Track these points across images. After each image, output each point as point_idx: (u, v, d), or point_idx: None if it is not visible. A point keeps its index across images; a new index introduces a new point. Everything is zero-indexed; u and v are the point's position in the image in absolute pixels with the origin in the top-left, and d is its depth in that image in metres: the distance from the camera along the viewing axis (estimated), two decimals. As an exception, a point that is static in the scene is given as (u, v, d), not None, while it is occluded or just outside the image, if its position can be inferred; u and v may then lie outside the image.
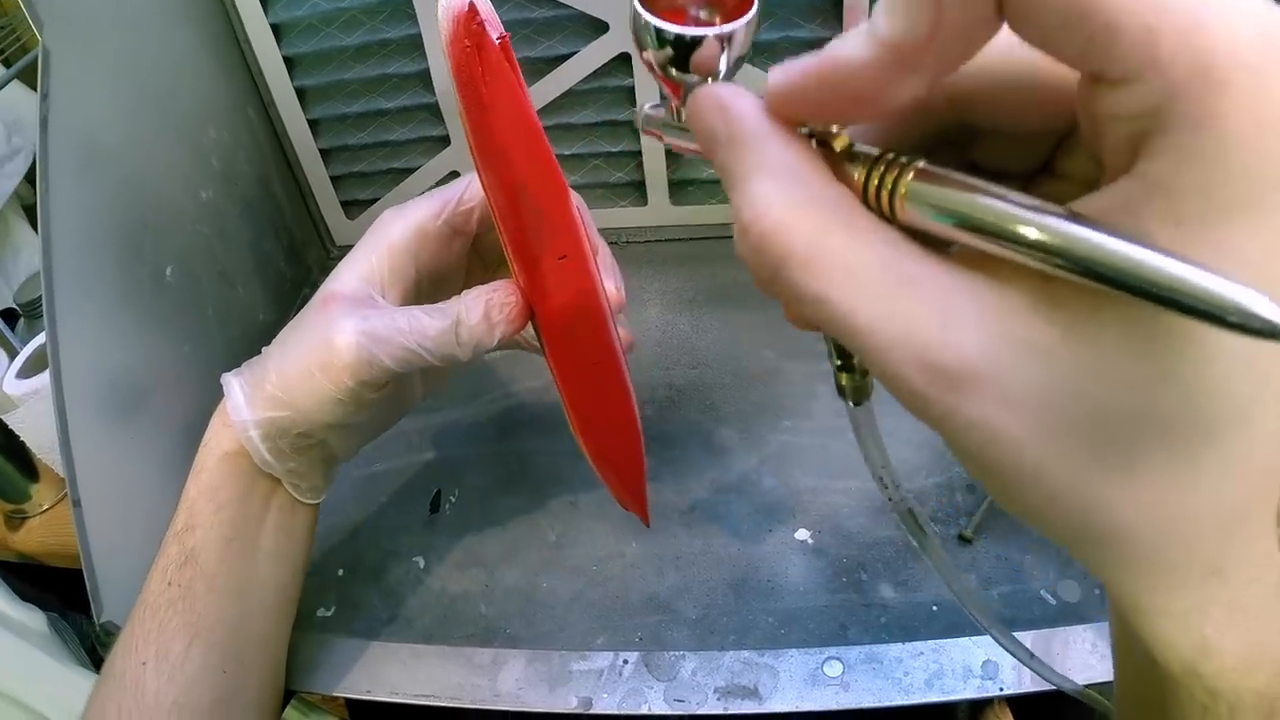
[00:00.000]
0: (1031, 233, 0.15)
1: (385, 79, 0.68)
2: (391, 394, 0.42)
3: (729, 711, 0.46)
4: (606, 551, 0.54)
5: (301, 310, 0.42)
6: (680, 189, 0.73)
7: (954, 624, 0.47)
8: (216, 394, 0.43)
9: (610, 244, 0.45)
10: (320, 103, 0.71)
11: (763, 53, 0.65)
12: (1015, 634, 0.45)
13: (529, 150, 0.35)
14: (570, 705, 0.47)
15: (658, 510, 0.55)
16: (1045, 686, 0.44)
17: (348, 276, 0.41)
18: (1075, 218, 0.15)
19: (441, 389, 0.50)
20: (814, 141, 0.19)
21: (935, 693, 0.45)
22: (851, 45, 0.17)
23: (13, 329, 0.76)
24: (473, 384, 0.66)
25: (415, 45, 0.65)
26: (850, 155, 0.19)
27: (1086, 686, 0.36)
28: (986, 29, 0.16)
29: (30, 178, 0.94)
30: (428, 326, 0.39)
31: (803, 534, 0.53)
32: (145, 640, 0.41)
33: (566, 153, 0.71)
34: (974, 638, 0.46)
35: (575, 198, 0.39)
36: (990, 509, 0.51)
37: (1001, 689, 0.44)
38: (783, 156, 0.18)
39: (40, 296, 0.74)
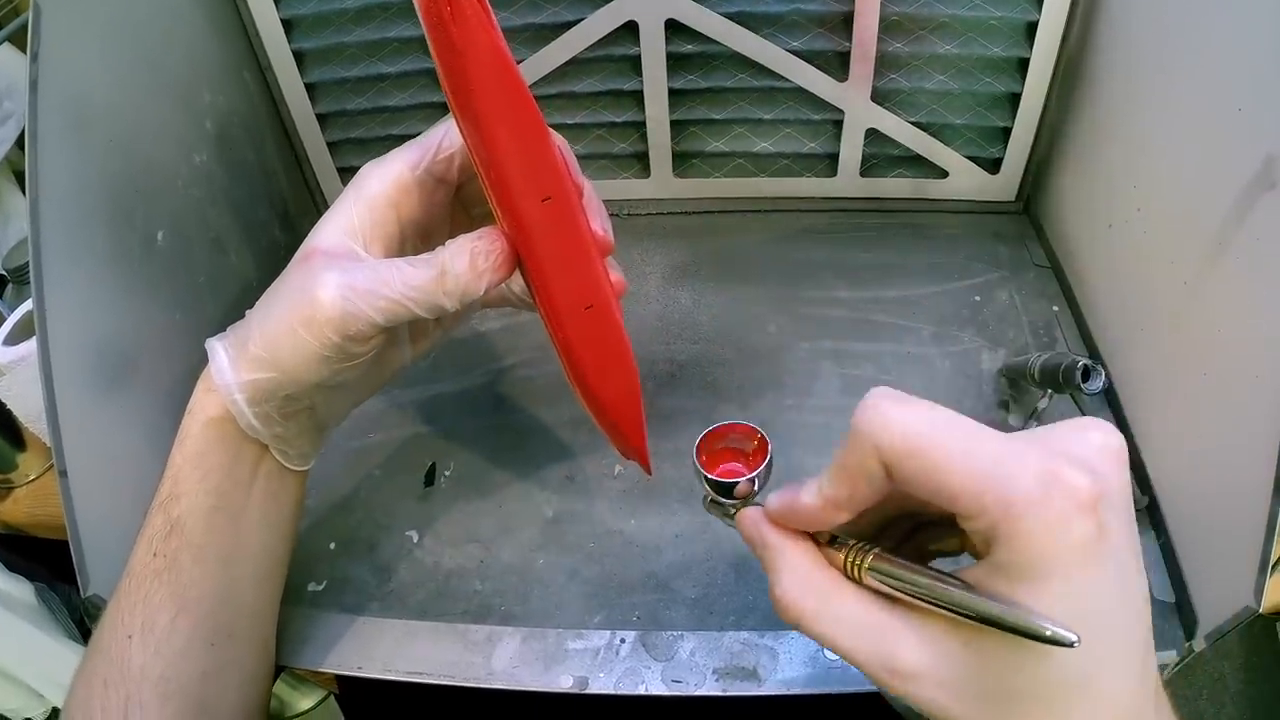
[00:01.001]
0: (935, 593, 0.26)
1: (385, 43, 0.67)
2: (379, 352, 0.41)
3: (728, 693, 0.45)
4: (604, 528, 0.53)
5: (284, 270, 0.41)
6: (684, 161, 0.72)
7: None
8: (206, 363, 0.42)
9: (612, 216, 0.43)
10: (318, 66, 0.69)
11: (773, 24, 0.63)
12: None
13: (504, 91, 0.33)
14: (566, 685, 0.46)
15: (657, 488, 0.54)
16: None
17: (329, 231, 0.40)
18: (961, 584, 0.26)
19: (431, 351, 0.48)
20: (814, 536, 0.31)
21: (938, 676, 0.44)
22: (807, 497, 0.30)
23: (1, 295, 0.74)
24: (469, 356, 0.65)
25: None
26: (836, 543, 0.30)
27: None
28: (882, 490, 0.27)
29: (21, 143, 0.92)
30: (412, 277, 0.38)
31: (805, 513, 0.52)
32: (131, 612, 0.40)
33: (569, 122, 0.70)
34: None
35: (556, 138, 0.38)
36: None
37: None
38: (793, 556, 0.31)
39: (26, 263, 0.73)
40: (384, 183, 0.40)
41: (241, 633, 0.43)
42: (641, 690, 0.45)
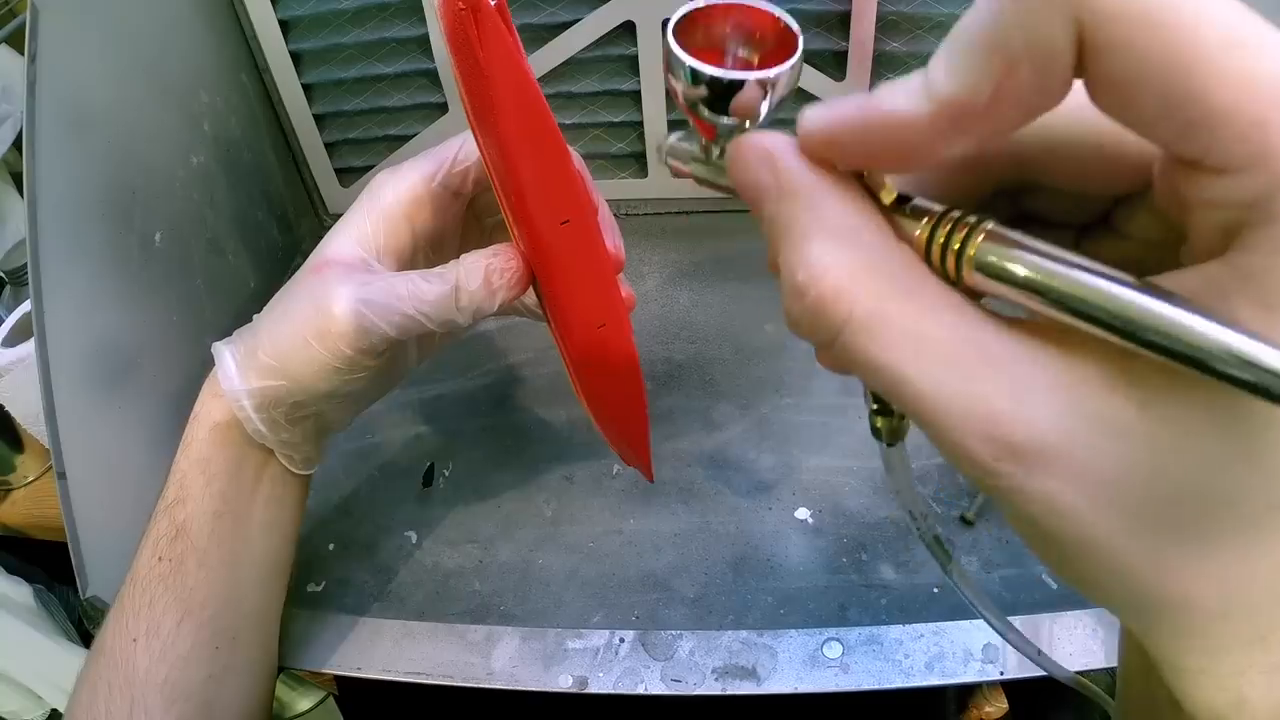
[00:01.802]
0: (1116, 309, 0.14)
1: (383, 43, 0.67)
2: (388, 361, 0.41)
3: (727, 692, 0.45)
4: (603, 528, 0.53)
5: (293, 277, 0.41)
6: (681, 162, 0.72)
7: (955, 606, 0.47)
8: (205, 364, 0.42)
9: (610, 216, 0.44)
10: (316, 67, 0.69)
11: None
12: (1015, 618, 0.45)
13: (528, 114, 0.33)
14: (565, 684, 0.46)
15: (656, 487, 0.54)
16: (1043, 672, 0.44)
17: (342, 242, 0.40)
18: (1161, 294, 0.14)
19: (435, 354, 0.48)
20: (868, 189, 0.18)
21: (935, 675, 0.44)
22: (903, 97, 0.16)
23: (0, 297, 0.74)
24: (467, 357, 0.65)
25: (414, 9, 0.64)
26: (905, 208, 0.18)
27: (1084, 673, 0.36)
28: (1056, 95, 0.15)
29: (19, 145, 0.92)
30: (426, 292, 0.38)
31: (803, 513, 0.52)
32: (135, 617, 0.40)
33: (567, 122, 0.70)
34: (975, 621, 0.45)
35: (575, 156, 0.38)
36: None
37: (1002, 673, 0.44)
38: (841, 214, 0.17)
39: (24, 264, 0.73)
40: (399, 194, 0.40)
41: (245, 636, 0.43)
42: (641, 690, 0.45)
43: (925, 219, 0.17)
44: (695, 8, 0.21)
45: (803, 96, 0.66)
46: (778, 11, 0.20)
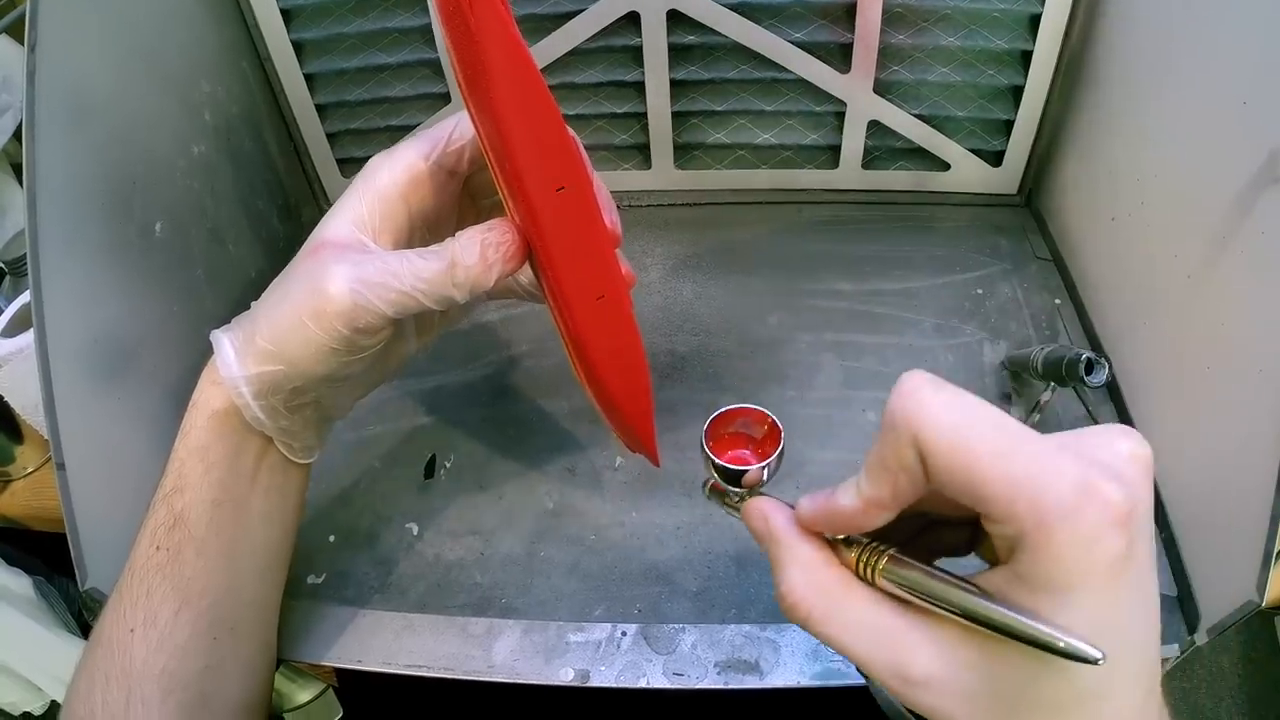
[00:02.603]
0: (953, 601, 0.25)
1: (385, 33, 0.66)
2: (386, 344, 0.41)
3: (729, 686, 0.45)
4: (605, 520, 0.53)
5: (291, 262, 0.41)
6: (685, 153, 0.72)
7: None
8: (205, 354, 0.41)
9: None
10: (318, 57, 0.69)
11: (775, 15, 0.63)
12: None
13: (520, 79, 0.33)
14: (566, 678, 0.46)
15: (659, 481, 0.54)
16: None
17: (337, 223, 0.40)
18: (979, 592, 0.24)
19: (434, 342, 0.48)
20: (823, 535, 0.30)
21: (939, 669, 0.44)
22: (845, 499, 0.27)
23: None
24: (468, 348, 0.64)
25: (415, -1, 0.63)
26: (848, 541, 0.29)
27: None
28: (919, 491, 0.26)
29: (19, 135, 0.91)
30: (422, 269, 0.37)
31: (806, 506, 0.51)
32: (134, 606, 0.39)
33: (570, 113, 0.69)
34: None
35: (569, 133, 0.37)
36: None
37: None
38: (802, 552, 0.29)
39: (23, 255, 0.72)
40: (394, 174, 0.40)
41: (244, 626, 0.43)
42: (643, 683, 0.45)
43: (855, 548, 0.28)
44: (715, 414, 0.35)
45: (809, 89, 0.66)
46: (767, 411, 0.35)
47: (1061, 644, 0.22)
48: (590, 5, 0.63)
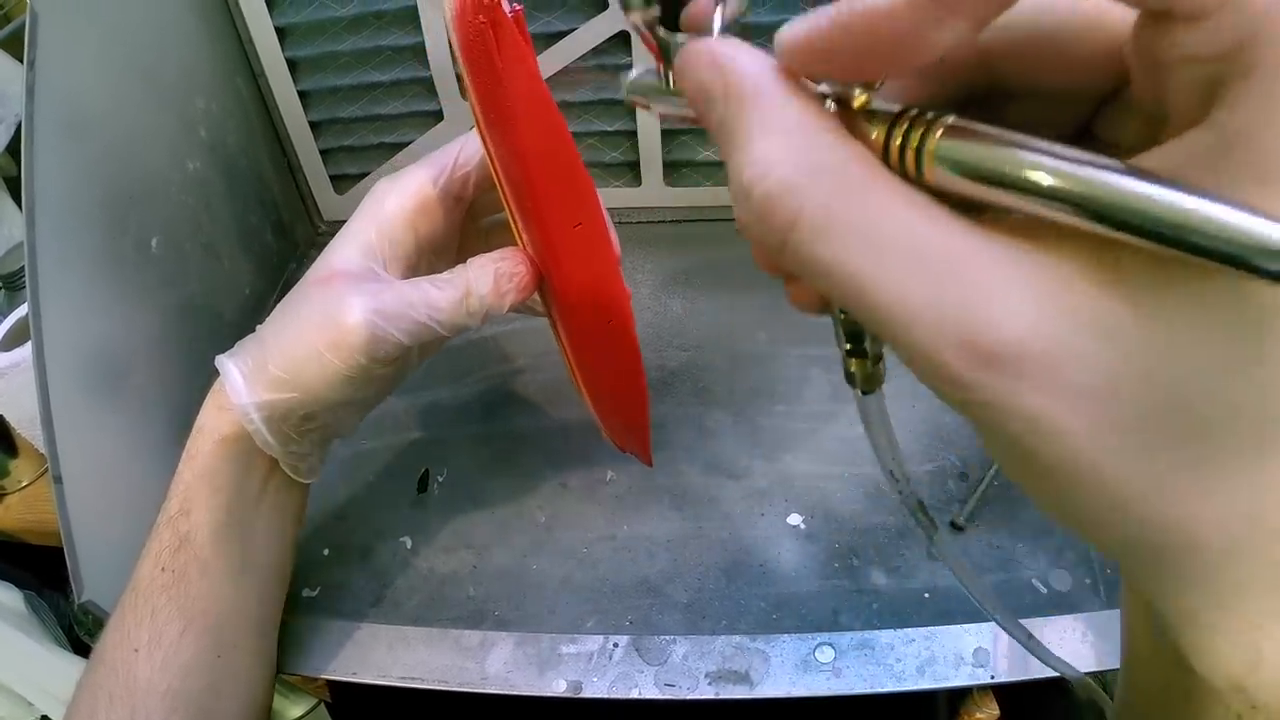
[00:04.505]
0: (1093, 192, 0.13)
1: (379, 51, 0.67)
2: (396, 366, 0.42)
3: (720, 696, 0.45)
4: (597, 534, 0.53)
5: (297, 288, 0.41)
6: (675, 170, 0.72)
7: (945, 611, 0.47)
8: (201, 369, 0.42)
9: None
10: (312, 74, 0.70)
11: (764, 34, 0.64)
12: (1009, 622, 0.45)
13: (544, 123, 0.34)
14: (559, 689, 0.46)
15: (650, 494, 0.55)
16: (1034, 675, 0.44)
17: (348, 251, 0.40)
18: (1141, 173, 0.13)
19: (435, 353, 0.49)
20: (828, 101, 0.17)
21: (927, 679, 0.45)
22: None
23: (-7, 301, 0.74)
24: (462, 363, 0.65)
25: (411, 18, 0.64)
26: (869, 114, 0.17)
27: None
28: None
29: (12, 149, 0.92)
30: (437, 299, 0.38)
31: (795, 519, 0.52)
32: (138, 626, 0.40)
33: (561, 131, 0.70)
34: (966, 625, 0.46)
35: None
36: (982, 497, 0.51)
37: (993, 676, 0.44)
38: (789, 111, 0.16)
39: (21, 268, 0.73)
40: (402, 202, 0.41)
41: (246, 644, 0.44)
42: (635, 694, 0.46)
43: (884, 121, 0.16)
44: None
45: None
46: None
47: None
48: (582, 25, 0.63)
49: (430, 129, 0.71)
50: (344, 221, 0.42)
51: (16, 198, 0.95)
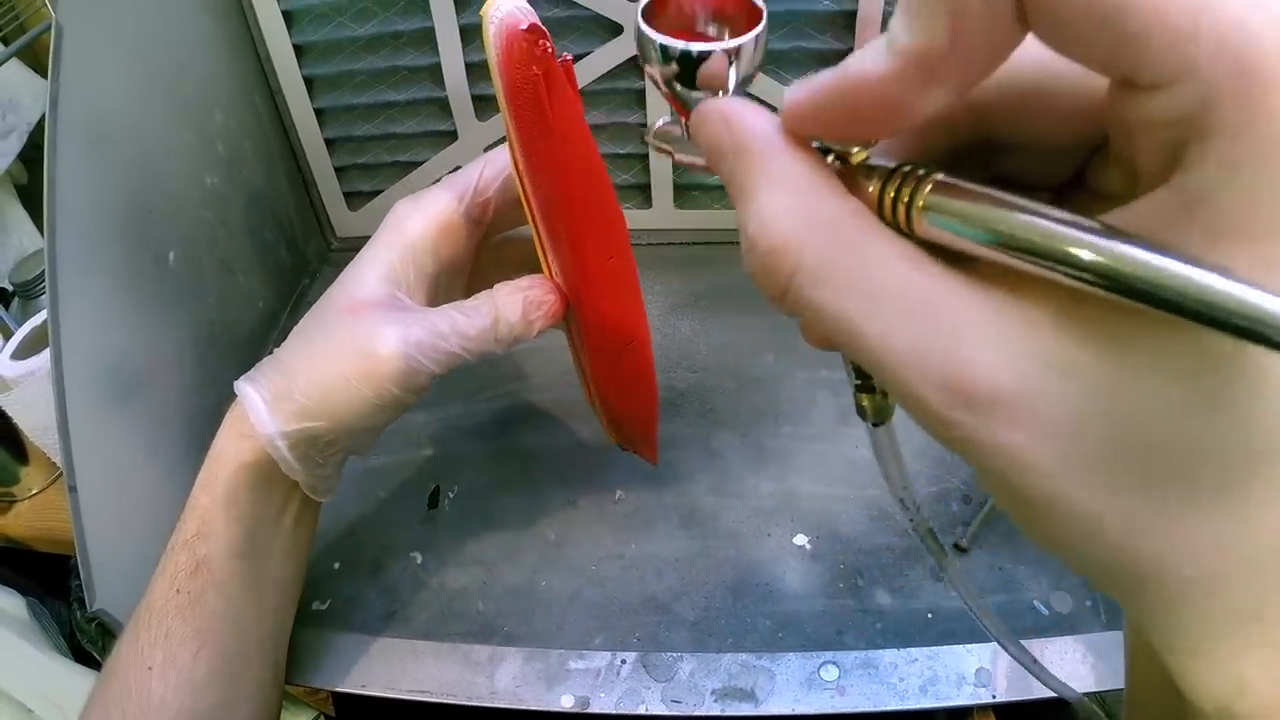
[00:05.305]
0: (1065, 248, 0.14)
1: (395, 71, 0.68)
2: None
3: (726, 713, 0.46)
4: (605, 552, 0.54)
5: (319, 313, 0.42)
6: (684, 193, 0.73)
7: (948, 631, 0.48)
8: (214, 383, 0.43)
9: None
10: (328, 92, 0.71)
11: (773, 62, 0.65)
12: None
13: (588, 167, 0.35)
14: (567, 704, 0.47)
15: (657, 513, 0.55)
16: (1034, 695, 0.45)
17: (371, 280, 0.41)
18: (1110, 232, 0.14)
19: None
20: (829, 157, 0.19)
21: (929, 699, 0.45)
22: (870, 58, 0.16)
23: (6, 309, 0.75)
24: (473, 381, 0.66)
25: (427, 38, 0.65)
26: (865, 169, 0.18)
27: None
28: (1009, 35, 0.15)
29: (23, 157, 0.93)
30: (468, 328, 0.39)
31: (801, 539, 0.53)
32: (152, 646, 0.40)
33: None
34: (968, 645, 0.47)
35: None
36: (985, 520, 0.52)
37: (994, 696, 0.45)
38: (790, 168, 0.18)
39: (35, 277, 0.74)
40: (425, 228, 0.41)
41: (258, 659, 0.44)
42: (642, 710, 0.46)
43: (876, 176, 0.18)
44: None
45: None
46: None
47: None
48: (596, 49, 0.65)
49: (444, 148, 0.72)
50: (357, 238, 0.43)
51: (27, 205, 0.96)
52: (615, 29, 0.63)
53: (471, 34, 0.65)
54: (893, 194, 0.17)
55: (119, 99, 0.54)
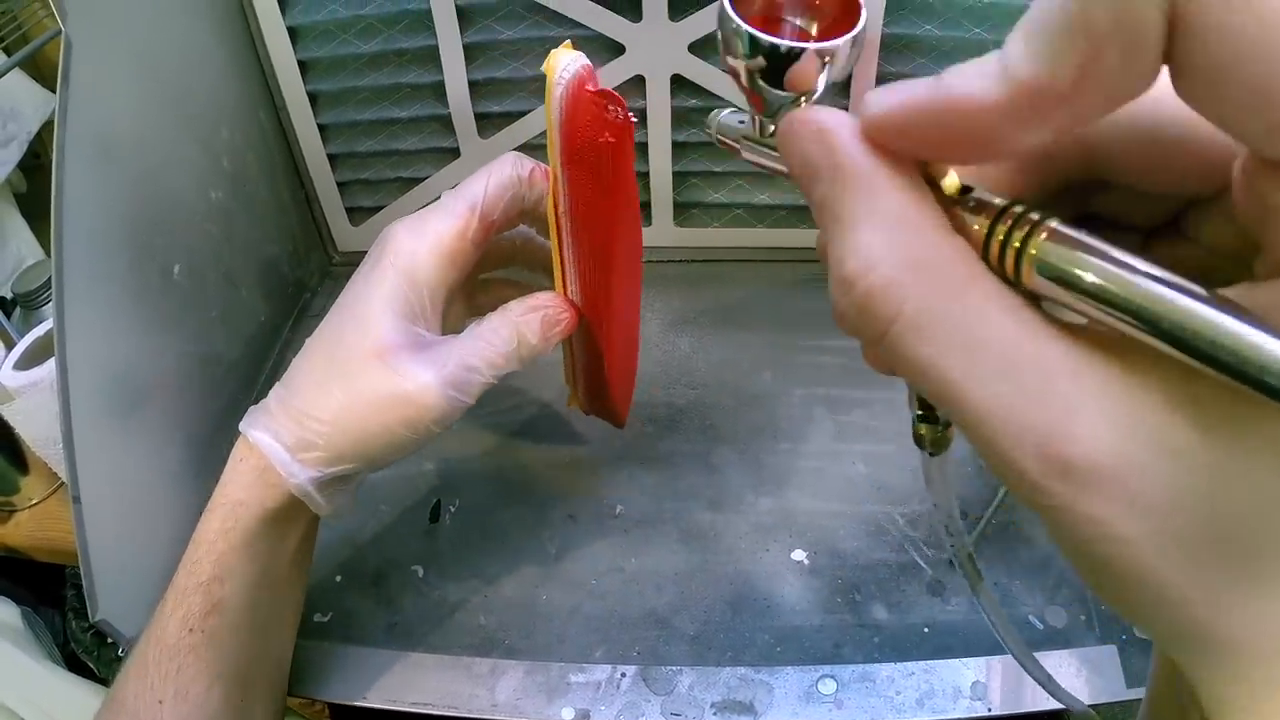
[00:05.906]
0: (1184, 323, 0.13)
1: (398, 88, 0.69)
2: None
3: (726, 727, 0.46)
4: (605, 566, 0.54)
5: (331, 354, 0.41)
6: (684, 211, 0.74)
7: (944, 645, 0.48)
8: (216, 396, 0.43)
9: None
10: (332, 108, 0.71)
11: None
12: (1004, 657, 0.47)
13: (630, 219, 0.37)
14: (568, 717, 0.47)
15: (656, 528, 0.56)
16: (1027, 708, 0.46)
17: (390, 319, 0.40)
18: (1234, 310, 0.13)
19: None
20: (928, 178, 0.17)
21: (926, 712, 0.46)
22: (977, 81, 0.15)
23: (8, 318, 0.75)
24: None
25: (431, 56, 0.66)
26: (964, 200, 0.17)
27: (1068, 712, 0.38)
28: (1143, 81, 0.14)
29: (23, 165, 0.93)
30: (494, 357, 0.40)
31: (799, 554, 0.54)
32: (163, 680, 0.40)
33: (573, 170, 0.72)
34: (964, 659, 0.47)
35: None
36: (983, 535, 0.53)
37: (989, 709, 0.46)
38: (897, 201, 0.16)
39: (38, 288, 0.74)
40: (439, 261, 0.41)
41: (265, 681, 0.45)
42: (642, 723, 0.47)
43: (985, 213, 0.16)
44: None
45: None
46: None
47: None
48: (599, 68, 0.65)
49: (446, 165, 0.72)
50: (357, 253, 0.43)
51: (25, 214, 0.96)
52: (617, 49, 0.64)
53: (475, 52, 0.66)
54: (1002, 236, 0.16)
55: (127, 113, 0.55)
